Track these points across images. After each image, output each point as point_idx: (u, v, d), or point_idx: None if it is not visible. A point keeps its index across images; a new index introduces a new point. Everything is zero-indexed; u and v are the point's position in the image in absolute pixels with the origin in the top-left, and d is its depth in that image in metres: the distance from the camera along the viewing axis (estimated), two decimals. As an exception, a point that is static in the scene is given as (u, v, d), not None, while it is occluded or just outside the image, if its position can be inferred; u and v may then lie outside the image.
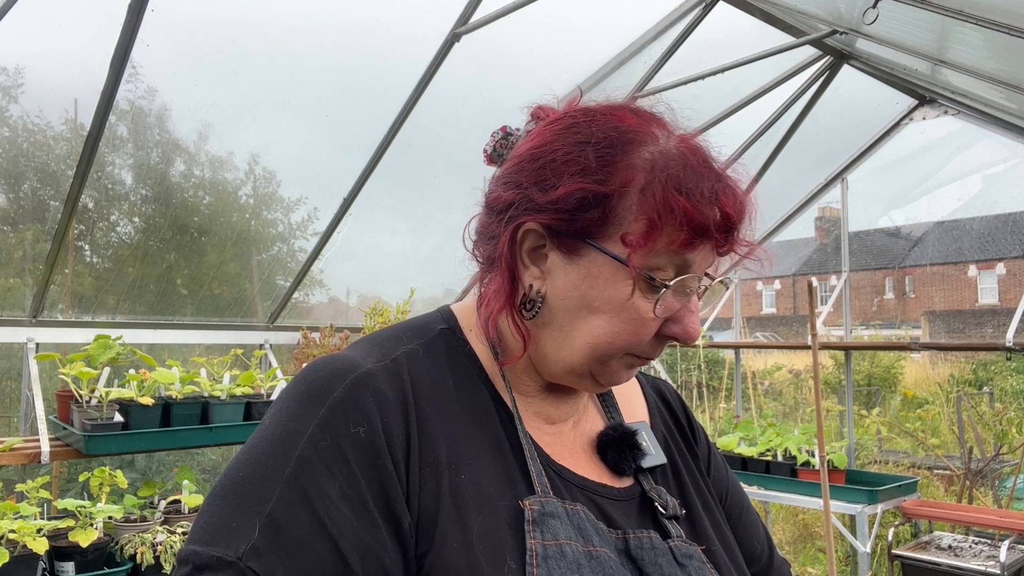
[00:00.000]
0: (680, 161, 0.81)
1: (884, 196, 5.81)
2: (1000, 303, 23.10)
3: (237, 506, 0.74)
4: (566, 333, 0.86)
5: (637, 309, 0.82)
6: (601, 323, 0.84)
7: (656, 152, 0.82)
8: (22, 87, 3.13)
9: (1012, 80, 3.32)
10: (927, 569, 4.18)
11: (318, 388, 0.80)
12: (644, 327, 0.84)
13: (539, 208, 0.83)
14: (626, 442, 0.94)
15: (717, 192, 0.81)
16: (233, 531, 0.72)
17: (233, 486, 0.76)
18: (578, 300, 0.84)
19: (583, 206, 0.81)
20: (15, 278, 3.53)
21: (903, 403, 9.83)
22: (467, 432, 0.83)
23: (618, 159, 0.81)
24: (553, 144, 0.84)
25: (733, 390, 6.02)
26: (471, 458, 0.81)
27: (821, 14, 3.60)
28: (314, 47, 3.44)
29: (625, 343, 0.84)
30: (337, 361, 0.83)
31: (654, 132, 0.84)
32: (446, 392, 0.85)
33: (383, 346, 0.87)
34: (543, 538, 0.78)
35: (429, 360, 0.87)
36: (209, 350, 4.07)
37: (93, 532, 2.75)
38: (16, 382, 4.01)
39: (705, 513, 0.98)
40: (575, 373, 0.88)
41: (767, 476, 4.49)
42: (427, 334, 0.90)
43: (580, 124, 0.84)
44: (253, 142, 3.83)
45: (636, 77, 4.02)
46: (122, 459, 4.99)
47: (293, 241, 4.38)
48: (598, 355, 0.85)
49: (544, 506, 0.81)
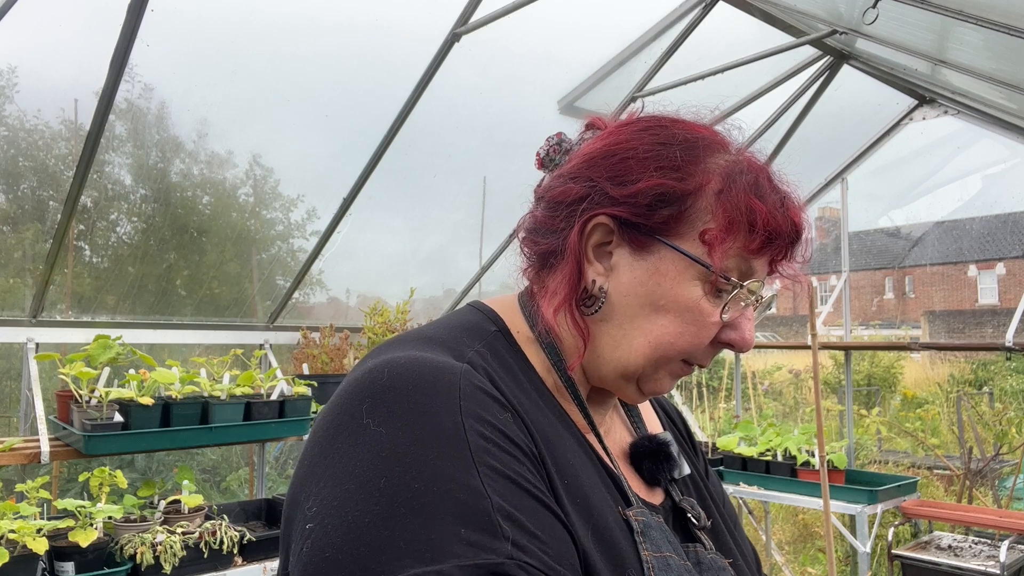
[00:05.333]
0: (753, 170, 0.84)
1: (884, 196, 5.81)
2: (1000, 303, 23.10)
3: (434, 515, 0.63)
4: (625, 332, 0.85)
5: (702, 311, 0.83)
6: (665, 323, 0.83)
7: (731, 160, 0.85)
8: (17, 87, 3.13)
9: (1012, 80, 3.32)
10: (927, 569, 4.18)
11: (430, 384, 0.72)
12: (706, 330, 0.84)
13: (614, 202, 0.83)
14: (661, 453, 0.94)
15: (786, 203, 0.84)
16: (461, 538, 0.62)
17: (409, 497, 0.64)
18: (643, 297, 0.84)
19: (660, 202, 0.82)
20: (15, 278, 3.53)
21: (903, 403, 9.83)
22: (556, 435, 0.80)
23: (697, 161, 0.83)
24: (630, 142, 0.85)
25: (733, 390, 6.02)
26: (568, 462, 0.79)
27: (821, 14, 3.60)
28: (314, 47, 3.44)
29: (687, 344, 0.84)
30: (427, 360, 0.75)
31: (726, 142, 0.87)
32: (523, 394, 0.81)
33: (446, 347, 0.80)
34: (652, 550, 0.78)
35: (496, 362, 0.83)
36: (209, 350, 4.07)
37: (93, 532, 2.75)
38: (16, 382, 4.01)
39: (723, 523, 0.98)
40: (625, 376, 0.86)
41: (767, 476, 4.49)
42: (483, 336, 0.86)
43: (654, 128, 0.87)
44: (253, 142, 3.83)
45: (636, 77, 4.02)
46: (122, 459, 4.99)
47: (293, 241, 4.38)
48: (657, 356, 0.84)
49: (646, 517, 0.81)
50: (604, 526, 0.76)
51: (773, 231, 0.82)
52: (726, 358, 9.69)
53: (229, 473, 6.06)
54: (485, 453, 0.68)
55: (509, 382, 0.80)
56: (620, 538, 0.77)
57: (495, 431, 0.71)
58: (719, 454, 4.78)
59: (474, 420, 0.70)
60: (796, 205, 0.87)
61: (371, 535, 0.63)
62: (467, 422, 0.69)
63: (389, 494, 0.64)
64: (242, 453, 6.00)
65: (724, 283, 0.82)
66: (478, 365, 0.78)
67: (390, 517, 0.63)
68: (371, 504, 0.64)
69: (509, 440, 0.71)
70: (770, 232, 0.82)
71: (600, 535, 0.75)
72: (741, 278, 0.83)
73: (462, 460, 0.67)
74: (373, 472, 0.66)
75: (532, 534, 0.66)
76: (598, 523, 0.76)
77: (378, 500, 0.64)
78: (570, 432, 0.84)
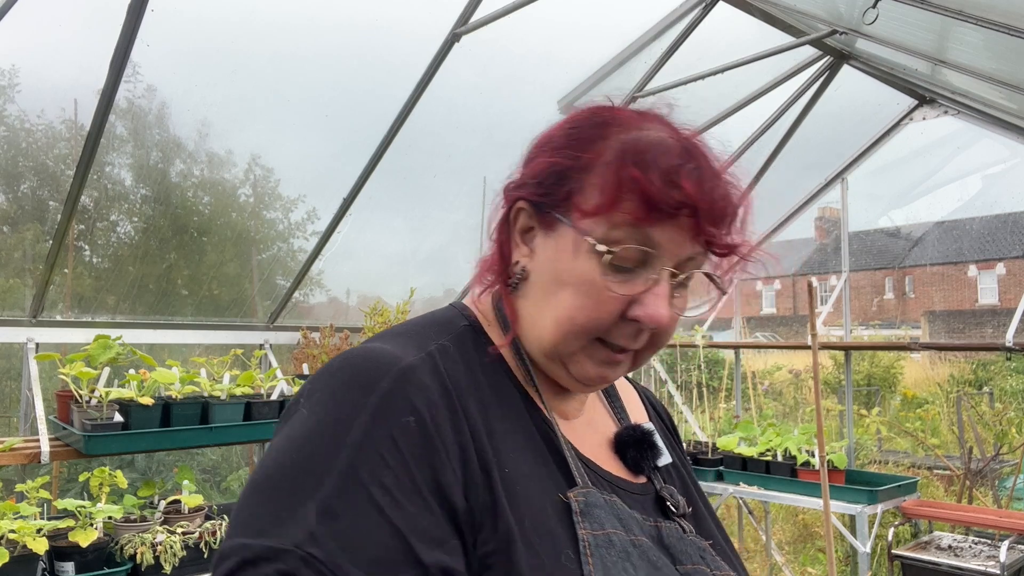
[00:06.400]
0: (654, 144, 0.82)
1: (884, 196, 5.81)
2: (1000, 303, 23.10)
3: (287, 495, 0.72)
4: (539, 309, 0.88)
5: (596, 284, 0.82)
6: (566, 297, 0.84)
7: (635, 135, 0.84)
8: (18, 87, 3.13)
9: (1012, 80, 3.32)
10: (927, 569, 4.18)
11: (364, 378, 0.78)
12: (604, 304, 0.83)
13: (522, 184, 0.88)
14: (645, 441, 0.96)
15: (681, 173, 0.80)
16: (284, 520, 0.70)
17: (278, 476, 0.74)
18: (550, 274, 0.86)
19: (555, 179, 0.85)
20: (15, 278, 3.53)
21: (903, 403, 9.83)
22: (505, 426, 0.84)
23: (599, 139, 0.84)
24: (554, 130, 0.90)
25: (733, 390, 6.02)
26: (512, 452, 0.82)
27: (821, 14, 3.60)
28: (314, 47, 3.44)
29: (586, 319, 0.84)
30: (378, 353, 0.81)
31: (642, 124, 0.86)
32: (479, 387, 0.85)
33: (413, 340, 0.86)
34: (592, 528, 0.80)
35: (459, 355, 0.87)
36: (209, 350, 4.07)
37: (93, 532, 2.75)
38: (16, 382, 4.01)
39: (706, 512, 1.01)
40: (548, 356, 0.88)
41: (767, 476, 4.49)
42: (453, 330, 0.90)
43: (583, 115, 0.89)
44: (253, 142, 3.83)
45: (636, 77, 4.02)
46: (122, 459, 4.99)
47: (293, 241, 4.38)
48: (564, 332, 0.85)
49: (588, 496, 0.82)
50: (539, 514, 0.78)
51: (650, 199, 0.79)
52: (726, 358, 9.69)
53: (229, 473, 6.06)
54: (357, 452, 0.73)
55: (464, 376, 0.84)
56: (556, 523, 0.79)
57: (386, 435, 0.74)
58: (719, 454, 4.78)
59: (373, 419, 0.75)
60: (706, 176, 0.82)
61: (245, 502, 0.74)
62: (364, 420, 0.75)
63: (271, 464, 0.75)
64: (242, 453, 6.00)
65: (596, 249, 0.82)
66: (435, 359, 0.83)
67: (259, 487, 0.74)
68: (259, 476, 0.75)
69: (394, 446, 0.74)
70: (647, 200, 0.79)
71: (534, 523, 0.77)
72: (636, 246, 0.82)
73: (330, 454, 0.73)
74: (277, 449, 0.76)
75: (342, 534, 0.69)
76: (533, 511, 0.78)
77: (264, 473, 0.75)
78: (526, 422, 0.87)
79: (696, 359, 5.75)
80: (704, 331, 5.57)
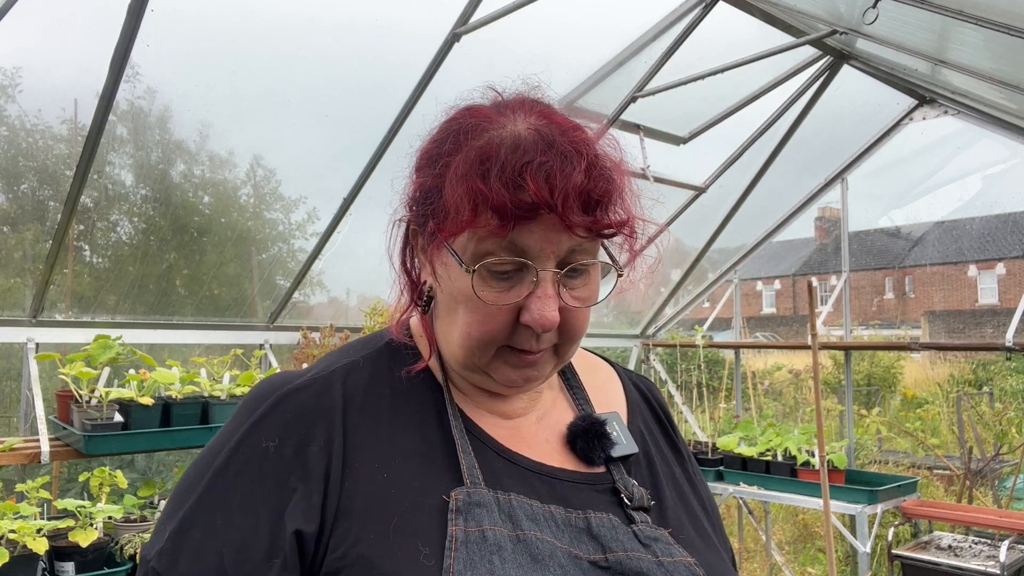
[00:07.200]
0: (503, 145, 0.80)
1: (884, 196, 5.81)
2: (1000, 303, 23.10)
3: (168, 511, 0.85)
4: (447, 326, 0.90)
5: (479, 299, 0.83)
6: (462, 313, 0.86)
7: (486, 140, 0.82)
8: (19, 87, 3.13)
9: (1012, 80, 3.32)
10: (927, 569, 4.18)
11: (248, 405, 0.88)
12: (493, 317, 0.84)
13: (406, 204, 0.91)
14: (594, 432, 0.95)
15: (527, 173, 0.78)
16: (157, 533, 0.83)
17: (174, 490, 0.86)
18: (446, 292, 0.88)
19: (423, 200, 0.86)
20: (15, 278, 3.53)
21: (903, 403, 9.84)
22: (399, 436, 0.87)
23: (452, 152, 0.83)
24: (423, 147, 0.90)
25: (733, 390, 6.02)
26: (399, 459, 0.85)
27: (821, 14, 3.60)
28: (314, 47, 3.43)
29: (482, 333, 0.85)
30: (274, 379, 0.91)
31: (501, 121, 0.84)
32: (381, 400, 0.89)
33: (330, 359, 0.94)
34: (466, 525, 0.81)
35: (368, 370, 0.92)
36: (209, 350, 4.07)
37: (93, 532, 2.75)
38: (16, 382, 4.00)
39: (680, 504, 0.98)
40: (466, 367, 0.90)
41: (767, 476, 4.49)
42: (374, 346, 0.96)
43: (443, 126, 0.88)
44: (253, 142, 3.83)
45: (636, 77, 4.02)
46: (122, 459, 4.99)
47: (293, 241, 4.38)
48: (470, 346, 0.86)
49: (471, 496, 0.83)
50: (412, 516, 0.81)
51: (499, 209, 0.78)
52: (726, 358, 9.69)
53: (229, 473, 6.05)
54: (217, 475, 0.83)
55: (365, 391, 0.89)
56: (429, 523, 0.81)
57: (244, 459, 0.84)
58: (719, 454, 4.78)
59: (238, 444, 0.84)
60: (552, 167, 0.79)
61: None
62: (231, 445, 0.85)
63: (182, 477, 0.88)
64: (242, 453, 5.99)
65: (474, 272, 0.82)
66: (336, 378, 0.89)
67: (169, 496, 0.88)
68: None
69: (248, 470, 0.83)
70: (497, 210, 0.78)
71: (402, 524, 0.81)
72: (516, 256, 0.81)
73: (200, 476, 0.84)
74: None
75: (180, 551, 0.81)
76: (405, 513, 0.81)
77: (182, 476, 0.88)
78: (432, 430, 0.89)
79: (696, 359, 5.75)
80: (704, 331, 5.57)
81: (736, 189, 5.05)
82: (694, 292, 5.95)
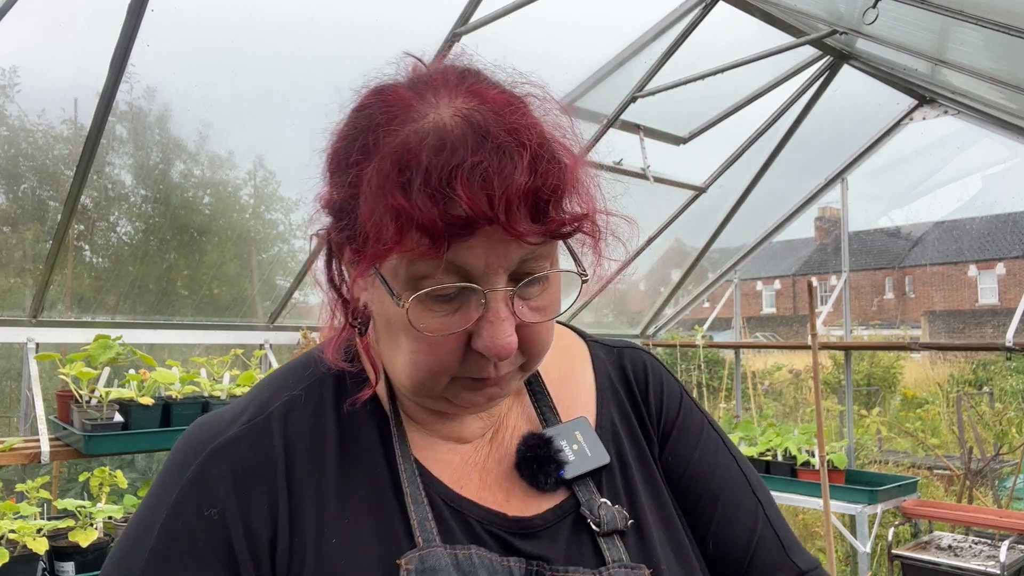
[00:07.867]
0: (423, 144, 0.65)
1: (884, 196, 5.81)
2: (1000, 303, 23.10)
3: None
4: (389, 352, 0.77)
5: (417, 328, 0.69)
6: (403, 341, 0.72)
7: (403, 137, 0.66)
8: (19, 87, 3.13)
9: (1012, 80, 3.32)
10: (927, 569, 4.18)
11: (178, 461, 0.77)
12: (439, 346, 0.70)
13: (328, 218, 0.75)
14: (539, 457, 0.82)
15: (456, 180, 0.62)
16: None
17: (109, 558, 0.77)
18: (383, 317, 0.75)
19: (338, 214, 0.72)
20: (15, 278, 3.53)
21: (903, 403, 9.84)
22: (348, 486, 0.76)
23: (366, 153, 0.68)
24: (331, 145, 0.76)
25: (733, 390, 6.03)
26: (346, 518, 0.75)
27: (821, 14, 3.60)
28: (314, 47, 3.43)
29: (428, 365, 0.72)
30: (202, 429, 0.78)
31: (421, 108, 0.68)
32: (326, 443, 0.78)
33: (264, 395, 0.81)
34: None
35: (311, 407, 0.80)
36: (209, 350, 4.07)
37: (93, 532, 2.75)
38: (16, 382, 4.01)
39: (659, 517, 0.84)
40: (418, 394, 0.77)
41: (767, 476, 4.49)
42: (313, 375, 0.82)
43: (351, 119, 0.74)
44: (253, 142, 3.83)
45: (636, 77, 4.01)
46: (122, 459, 4.98)
47: (293, 241, 4.38)
48: (416, 380, 0.73)
49: (424, 560, 0.72)
50: None
51: (427, 228, 0.63)
52: (726, 358, 9.69)
53: (229, 473, 6.06)
54: (156, 558, 0.73)
55: (309, 433, 0.78)
56: None
57: (185, 534, 0.73)
58: (719, 454, 4.77)
59: (174, 515, 0.74)
60: (488, 170, 0.63)
61: None
62: (166, 518, 0.74)
63: (117, 542, 0.79)
64: (242, 453, 6.00)
65: (404, 303, 0.68)
66: (273, 423, 0.78)
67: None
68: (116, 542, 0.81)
69: (190, 546, 0.73)
70: (424, 230, 0.63)
71: None
72: (459, 277, 0.67)
73: (138, 554, 0.73)
74: (130, 519, 0.80)
75: None
76: None
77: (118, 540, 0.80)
78: (379, 475, 0.78)
79: (696, 359, 5.75)
80: (704, 331, 5.57)
81: (736, 189, 5.05)
82: (694, 292, 5.95)
